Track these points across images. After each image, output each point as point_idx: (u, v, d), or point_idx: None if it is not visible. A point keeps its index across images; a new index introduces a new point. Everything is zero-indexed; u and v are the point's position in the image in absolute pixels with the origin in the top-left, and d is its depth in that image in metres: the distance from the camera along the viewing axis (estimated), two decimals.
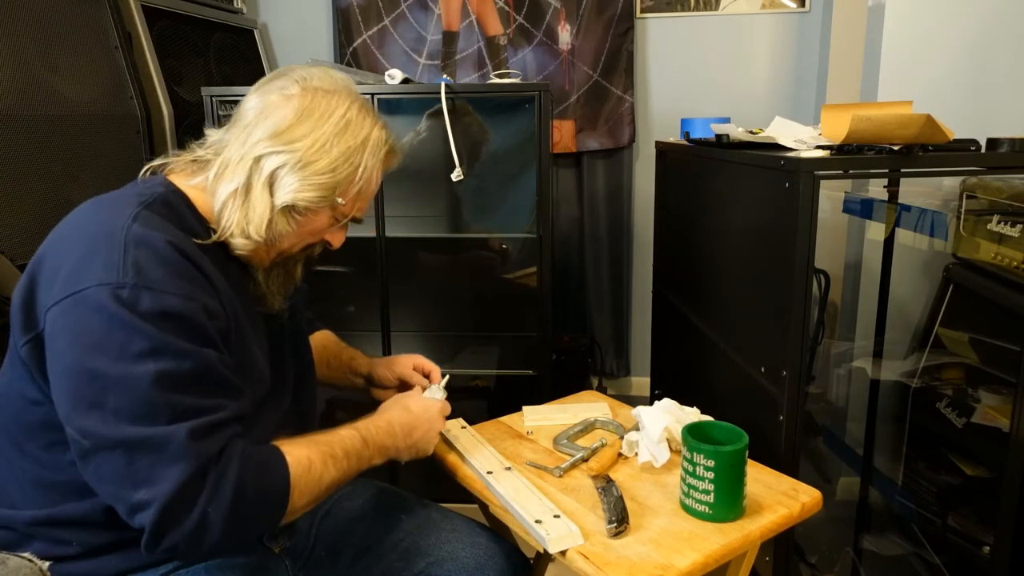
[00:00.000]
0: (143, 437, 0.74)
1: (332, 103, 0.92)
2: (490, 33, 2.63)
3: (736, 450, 0.93)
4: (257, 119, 0.90)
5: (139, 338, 0.75)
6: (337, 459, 0.90)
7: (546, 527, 0.91)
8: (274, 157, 0.88)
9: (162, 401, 0.75)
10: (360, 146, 0.92)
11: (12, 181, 1.50)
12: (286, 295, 1.02)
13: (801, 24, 2.58)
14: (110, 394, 0.74)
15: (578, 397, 1.38)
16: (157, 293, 0.77)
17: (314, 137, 0.89)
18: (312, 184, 0.89)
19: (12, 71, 1.52)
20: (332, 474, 0.89)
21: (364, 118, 0.94)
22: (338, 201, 0.93)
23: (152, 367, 0.75)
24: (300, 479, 0.84)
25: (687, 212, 1.85)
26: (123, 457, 0.74)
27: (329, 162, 0.90)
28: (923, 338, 1.80)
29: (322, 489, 0.88)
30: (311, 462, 0.86)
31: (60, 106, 1.65)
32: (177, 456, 0.74)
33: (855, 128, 1.16)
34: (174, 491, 0.74)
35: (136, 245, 0.79)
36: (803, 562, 1.71)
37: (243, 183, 0.88)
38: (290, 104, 0.90)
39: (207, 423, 0.77)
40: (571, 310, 2.85)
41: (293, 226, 0.92)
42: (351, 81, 0.97)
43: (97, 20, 1.82)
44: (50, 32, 1.65)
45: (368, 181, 0.94)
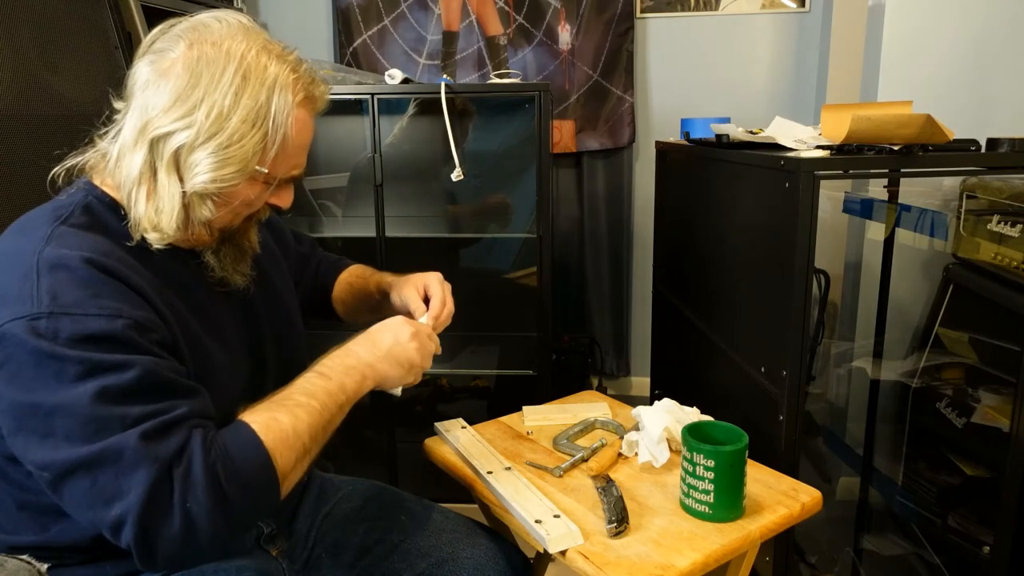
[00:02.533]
0: (97, 452, 0.70)
1: (222, 55, 0.78)
2: (490, 33, 2.63)
3: (736, 450, 0.93)
4: (145, 93, 0.79)
5: (69, 364, 0.71)
6: (303, 404, 0.82)
7: (546, 527, 0.91)
8: (172, 137, 0.78)
9: (109, 414, 0.71)
10: (266, 100, 0.79)
11: (12, 181, 1.50)
12: (245, 271, 0.94)
13: (801, 24, 2.58)
14: (56, 420, 0.71)
15: (578, 397, 1.38)
16: (76, 317, 0.72)
17: (209, 104, 0.77)
18: (220, 160, 0.78)
19: (12, 71, 1.51)
20: (305, 420, 0.81)
21: (266, 64, 0.80)
22: (258, 170, 0.82)
23: (91, 386, 0.71)
24: (276, 441, 0.78)
25: (687, 212, 1.85)
26: (86, 478, 0.70)
27: (233, 131, 0.78)
28: (923, 338, 1.80)
29: (304, 440, 0.81)
30: (277, 420, 0.79)
31: (60, 106, 1.65)
32: (135, 463, 0.70)
33: (855, 128, 1.16)
34: (144, 498, 0.70)
35: (50, 269, 0.74)
36: (803, 562, 1.71)
37: (143, 170, 0.79)
38: (176, 68, 0.78)
39: (159, 424, 0.73)
40: (571, 310, 2.85)
41: (213, 208, 0.82)
42: (251, 23, 0.84)
43: (97, 20, 1.82)
44: (50, 32, 1.65)
45: (289, 136, 0.82)
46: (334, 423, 0.86)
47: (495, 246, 2.38)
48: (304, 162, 0.89)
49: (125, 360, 0.73)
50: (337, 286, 1.23)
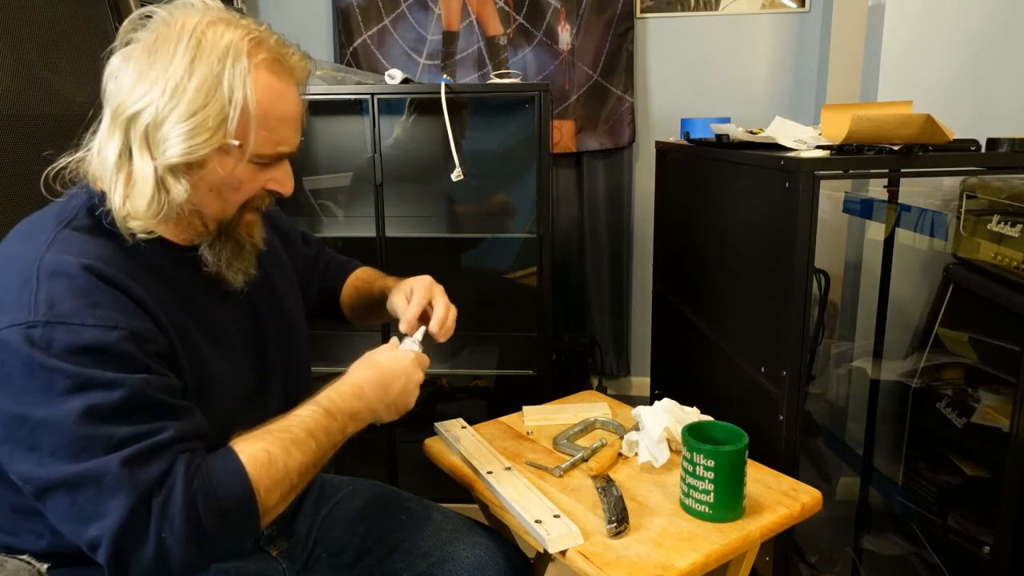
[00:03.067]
0: (78, 473, 0.70)
1: (177, 29, 0.79)
2: (490, 33, 2.63)
3: (736, 450, 0.93)
4: (114, 83, 0.80)
5: (60, 377, 0.70)
6: (300, 442, 0.81)
7: (546, 527, 0.91)
8: (139, 117, 0.77)
9: (94, 434, 0.71)
10: (220, 66, 0.77)
11: (12, 181, 1.50)
12: (247, 269, 0.91)
13: (801, 24, 2.58)
14: (42, 435, 0.71)
15: (578, 397, 1.38)
16: (72, 327, 0.72)
17: (166, 78, 0.77)
18: (185, 132, 0.77)
19: (12, 71, 1.51)
20: (299, 459, 0.80)
21: (222, 31, 0.79)
22: (229, 143, 0.79)
23: (78, 403, 0.70)
24: (262, 476, 0.77)
25: (687, 212, 1.85)
26: (67, 496, 0.70)
27: (191, 98, 0.76)
28: (923, 338, 1.80)
29: (293, 479, 0.80)
30: (270, 455, 0.78)
31: (60, 106, 1.64)
32: (115, 488, 0.70)
33: (855, 128, 1.16)
34: (120, 524, 0.69)
35: (49, 276, 0.74)
36: (803, 562, 1.71)
37: (120, 155, 0.79)
38: (136, 50, 0.80)
39: (143, 448, 0.72)
40: (571, 310, 2.85)
41: (187, 186, 0.80)
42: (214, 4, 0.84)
43: (97, 20, 1.82)
44: (50, 32, 1.65)
45: (251, 103, 0.79)
46: (325, 461, 0.86)
47: (495, 246, 2.38)
48: (292, 139, 0.86)
49: (115, 379, 0.73)
50: (344, 289, 1.22)
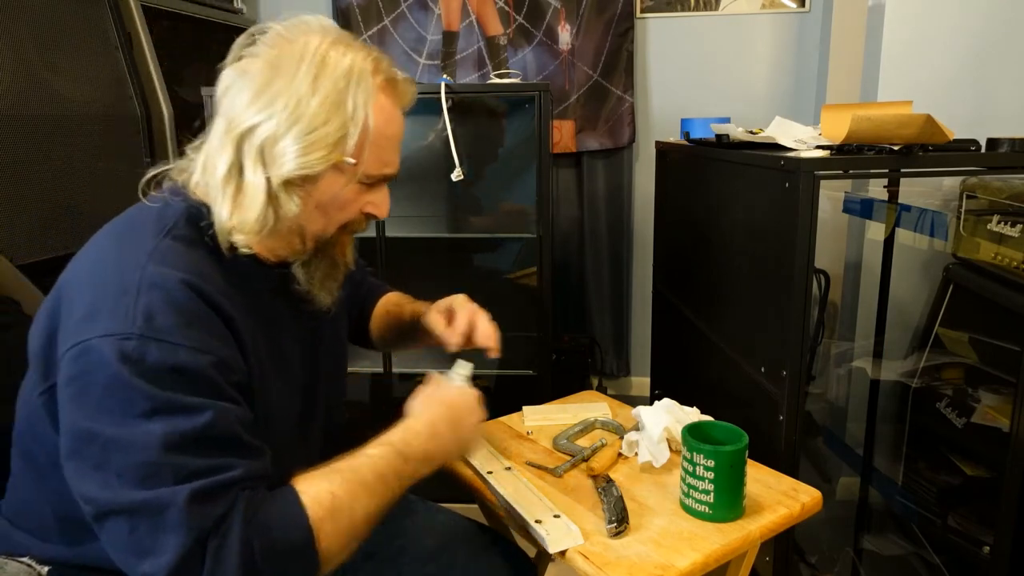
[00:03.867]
0: (143, 501, 0.68)
1: (300, 47, 0.79)
2: (490, 33, 2.63)
3: (736, 450, 0.93)
4: (228, 96, 0.79)
5: (141, 398, 0.68)
6: (369, 485, 0.77)
7: (546, 527, 0.91)
8: (256, 130, 0.77)
9: (167, 462, 0.68)
10: (344, 87, 0.78)
11: (12, 181, 1.50)
12: (333, 289, 0.90)
13: (801, 24, 2.58)
14: (112, 454, 0.68)
15: (578, 397, 1.38)
16: (164, 345, 0.70)
17: (289, 93, 0.77)
18: (304, 147, 0.77)
19: (12, 71, 1.51)
20: (366, 505, 0.76)
21: (344, 51, 0.80)
22: (345, 161, 0.80)
23: (157, 428, 0.68)
24: (324, 522, 0.73)
25: (687, 212, 1.85)
26: (126, 524, 0.68)
27: (313, 116, 0.77)
28: (923, 338, 1.80)
29: (358, 527, 0.76)
30: (334, 498, 0.74)
31: (60, 106, 1.64)
32: (175, 524, 0.67)
33: (855, 128, 1.16)
34: (174, 564, 0.67)
35: (149, 288, 0.72)
36: (803, 562, 1.71)
37: (231, 169, 0.78)
38: (256, 64, 0.79)
39: (212, 484, 0.70)
40: (571, 310, 2.85)
41: (299, 202, 0.79)
42: (328, 22, 0.84)
43: (97, 20, 1.82)
44: (50, 32, 1.65)
45: (371, 124, 0.80)
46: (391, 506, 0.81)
47: (495, 246, 2.38)
48: (396, 161, 0.86)
49: (199, 404, 0.71)
50: (375, 314, 1.21)
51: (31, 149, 1.56)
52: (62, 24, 1.69)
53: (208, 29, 2.39)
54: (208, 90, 1.93)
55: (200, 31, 2.34)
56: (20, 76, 1.53)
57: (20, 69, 1.54)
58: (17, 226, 1.51)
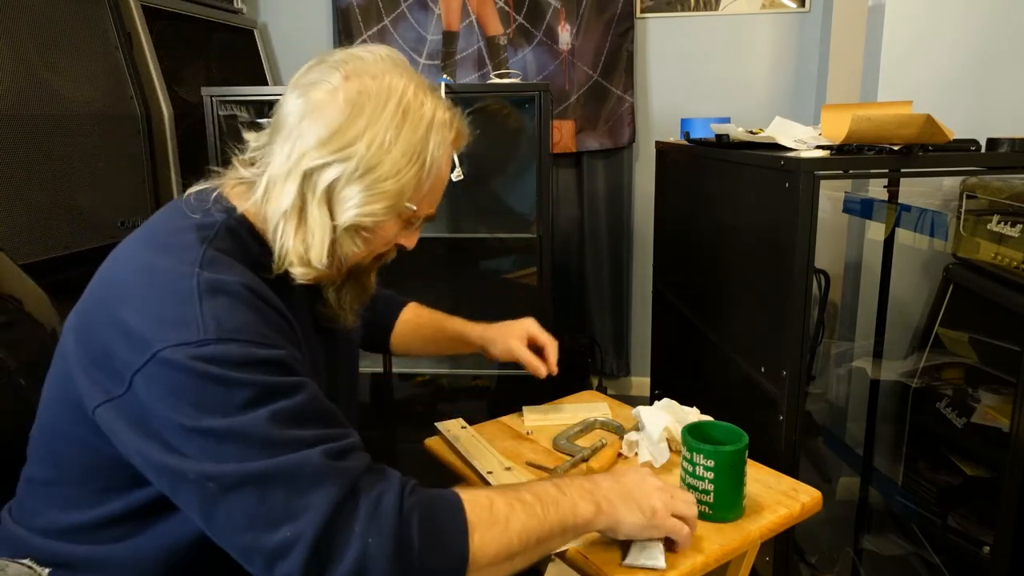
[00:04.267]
0: (273, 467, 0.64)
1: (383, 89, 0.77)
2: (490, 33, 2.63)
3: (736, 450, 0.93)
4: (300, 124, 0.77)
5: (239, 389, 0.66)
6: (526, 502, 0.74)
7: None
8: (327, 169, 0.75)
9: (284, 436, 0.66)
10: (424, 136, 0.78)
11: (12, 181, 1.50)
12: (358, 310, 0.92)
13: (801, 24, 2.58)
14: (227, 442, 0.65)
15: (578, 397, 1.38)
16: (243, 344, 0.68)
17: (369, 137, 0.76)
18: (376, 194, 0.76)
19: (12, 71, 1.51)
20: (523, 519, 0.72)
21: (423, 100, 0.79)
22: (407, 207, 0.80)
23: (264, 411, 0.66)
24: (480, 519, 0.69)
25: (687, 212, 1.85)
26: (254, 495, 0.64)
27: (392, 165, 0.76)
28: (923, 338, 1.80)
29: (512, 538, 0.71)
30: (491, 501, 0.72)
31: (60, 106, 1.65)
32: (317, 478, 0.64)
33: (855, 128, 1.16)
34: (325, 519, 0.63)
35: (210, 293, 0.70)
36: (803, 562, 1.71)
37: (294, 203, 0.76)
38: (335, 100, 0.76)
39: (341, 446, 0.68)
40: (571, 310, 2.85)
41: (360, 244, 0.80)
42: (398, 54, 0.83)
43: (97, 20, 1.82)
44: (50, 32, 1.65)
45: (438, 174, 0.81)
46: (550, 543, 0.76)
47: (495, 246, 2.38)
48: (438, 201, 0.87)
49: (296, 382, 0.69)
50: (401, 325, 1.23)
51: (31, 149, 1.56)
52: (62, 24, 1.69)
53: (208, 29, 2.39)
54: (208, 90, 1.93)
55: (200, 31, 2.34)
56: (20, 76, 1.54)
57: (20, 69, 1.54)
58: (17, 226, 1.51)
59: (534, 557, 0.75)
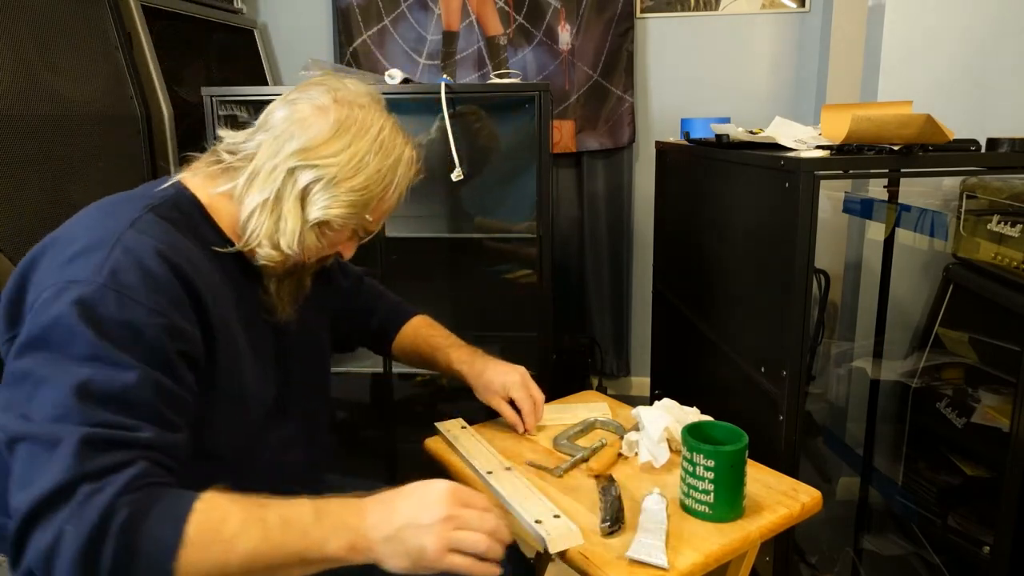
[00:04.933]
0: (45, 432, 0.69)
1: (368, 119, 0.92)
2: (490, 33, 2.63)
3: (736, 450, 0.93)
4: (290, 130, 0.89)
5: (81, 342, 0.72)
6: (268, 525, 0.72)
7: (546, 527, 0.91)
8: (308, 172, 0.88)
9: (79, 406, 0.70)
10: (393, 165, 0.93)
11: (12, 181, 1.50)
12: (295, 305, 1.00)
13: (801, 24, 2.58)
14: (39, 390, 0.71)
15: (578, 397, 1.38)
16: (123, 298, 0.75)
17: (350, 153, 0.90)
18: (345, 201, 0.90)
19: (12, 71, 1.51)
20: (254, 542, 0.70)
21: (396, 136, 0.95)
22: (367, 218, 0.94)
23: (85, 372, 0.71)
24: (202, 535, 0.69)
25: (687, 212, 1.85)
26: (27, 452, 0.69)
27: (364, 179, 0.90)
28: (923, 338, 1.80)
29: (231, 559, 0.70)
30: (225, 517, 0.71)
31: (60, 106, 1.65)
32: (60, 459, 0.67)
33: (855, 128, 1.16)
34: (39, 498, 0.66)
35: (123, 249, 0.77)
36: (803, 562, 1.71)
37: (274, 194, 0.88)
38: (326, 117, 0.90)
39: (112, 436, 0.70)
40: (571, 310, 2.85)
41: (322, 241, 0.92)
42: (379, 95, 0.98)
43: (97, 20, 1.82)
44: (50, 32, 1.65)
45: (394, 199, 0.96)
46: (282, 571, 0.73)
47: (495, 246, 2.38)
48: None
49: (129, 363, 0.73)
50: (402, 337, 1.27)
51: (31, 149, 1.56)
52: (62, 24, 1.69)
53: (208, 29, 2.39)
54: (208, 90, 1.93)
55: (200, 31, 2.34)
56: (20, 76, 1.54)
57: (20, 69, 1.54)
58: (17, 226, 1.51)
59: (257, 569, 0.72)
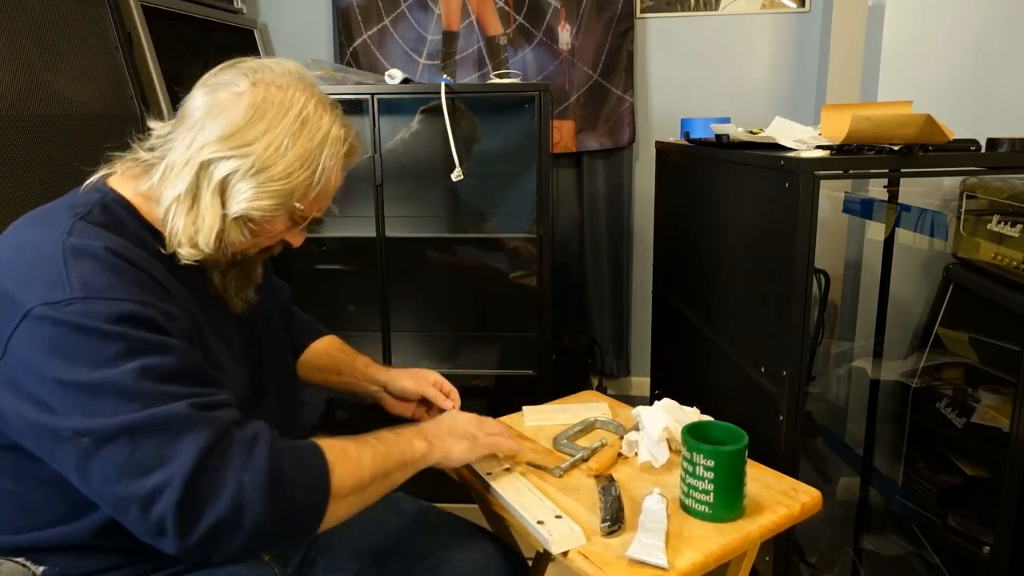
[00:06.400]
0: (143, 418, 0.68)
1: (286, 99, 0.85)
2: (490, 33, 2.63)
3: (736, 450, 0.93)
4: (204, 119, 0.83)
5: (111, 341, 0.70)
6: (370, 444, 0.85)
7: (548, 528, 0.91)
8: (224, 163, 0.82)
9: (153, 390, 0.70)
10: (318, 147, 0.86)
11: (12, 181, 1.50)
12: (247, 297, 0.96)
13: (801, 24, 2.58)
14: (99, 396, 0.69)
15: (578, 397, 1.38)
16: (111, 301, 0.72)
17: (268, 140, 0.83)
18: (267, 191, 0.83)
19: (12, 71, 1.51)
20: (370, 456, 0.83)
21: (321, 114, 0.87)
22: (296, 206, 0.87)
23: (133, 364, 0.70)
24: (337, 458, 0.79)
25: (687, 212, 1.85)
26: (126, 446, 0.67)
27: (285, 167, 0.83)
28: (923, 338, 1.80)
29: (365, 473, 0.82)
30: (344, 445, 0.81)
31: (60, 106, 1.65)
32: (187, 426, 0.68)
33: (855, 128, 1.16)
34: (195, 463, 0.67)
35: (75, 256, 0.74)
36: (803, 562, 1.71)
37: (188, 189, 0.82)
38: (240, 102, 0.83)
39: (210, 400, 0.72)
40: (571, 310, 2.85)
41: (247, 235, 0.86)
42: (305, 71, 0.90)
43: (97, 20, 1.82)
44: (50, 32, 1.65)
45: (327, 182, 0.89)
46: (394, 476, 0.88)
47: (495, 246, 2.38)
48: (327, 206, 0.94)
49: (166, 342, 0.74)
50: (311, 352, 1.23)
51: (31, 149, 1.56)
52: (62, 24, 1.69)
53: (208, 29, 2.39)
54: None
55: (200, 31, 2.34)
56: (20, 76, 1.53)
57: (20, 69, 1.54)
58: None
59: (383, 490, 0.86)
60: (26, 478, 0.80)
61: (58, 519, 0.81)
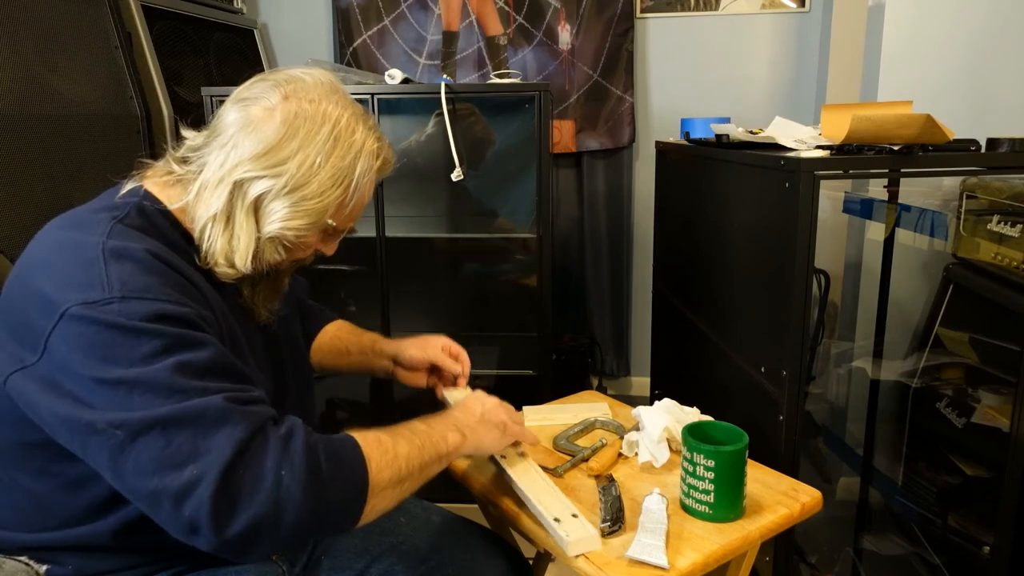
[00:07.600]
0: (179, 411, 0.67)
1: (319, 115, 0.84)
2: (490, 33, 2.63)
3: (736, 450, 0.93)
4: (237, 136, 0.82)
5: (146, 339, 0.70)
6: (405, 436, 0.83)
7: (565, 527, 0.89)
8: (258, 183, 0.81)
9: (189, 385, 0.69)
10: (351, 164, 0.85)
11: (12, 181, 1.50)
12: (273, 308, 0.97)
13: (801, 24, 2.58)
14: (135, 392, 0.69)
15: (578, 397, 1.38)
16: (148, 301, 0.72)
17: (301, 158, 0.82)
18: (301, 211, 0.83)
19: (12, 71, 1.51)
20: (406, 448, 0.82)
21: (354, 128, 0.86)
22: (329, 224, 0.87)
23: (170, 360, 0.70)
24: (373, 451, 0.77)
25: (687, 212, 1.85)
26: (160, 438, 0.67)
27: (318, 186, 0.83)
28: (923, 338, 1.80)
29: (402, 465, 0.80)
30: (378, 436, 0.80)
31: (60, 106, 1.65)
32: (222, 420, 0.68)
33: (855, 128, 1.16)
34: (231, 457, 0.66)
35: (116, 258, 0.74)
36: (803, 562, 1.71)
37: (223, 209, 0.82)
38: (272, 119, 0.82)
39: (245, 396, 0.72)
40: (571, 310, 2.85)
41: (281, 252, 0.86)
42: (338, 83, 0.89)
43: (97, 20, 1.82)
44: (50, 32, 1.65)
45: (361, 197, 0.88)
46: (429, 468, 0.86)
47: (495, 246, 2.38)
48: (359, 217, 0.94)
49: (201, 337, 0.74)
50: (322, 337, 1.24)
51: (31, 149, 1.56)
52: (62, 24, 1.69)
53: (208, 29, 2.39)
54: (208, 90, 1.93)
55: (200, 31, 2.34)
56: (20, 76, 1.53)
57: (20, 69, 1.54)
58: (17, 226, 1.51)
59: (418, 483, 0.84)
60: (47, 477, 0.80)
61: (75, 519, 0.81)
